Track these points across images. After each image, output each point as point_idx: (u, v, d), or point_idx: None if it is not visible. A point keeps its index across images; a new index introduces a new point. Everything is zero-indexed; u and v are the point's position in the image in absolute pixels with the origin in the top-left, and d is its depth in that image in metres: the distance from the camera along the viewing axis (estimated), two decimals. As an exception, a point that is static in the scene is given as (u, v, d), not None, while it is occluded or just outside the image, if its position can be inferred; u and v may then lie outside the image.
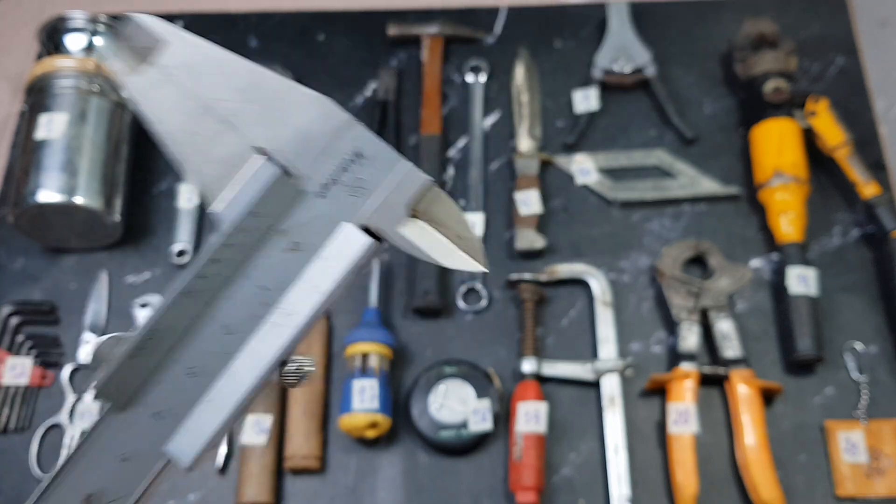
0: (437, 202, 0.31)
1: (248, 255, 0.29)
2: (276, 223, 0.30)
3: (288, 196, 0.30)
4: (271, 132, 0.30)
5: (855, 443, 0.82)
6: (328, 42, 1.08)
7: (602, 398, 0.84)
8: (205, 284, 0.29)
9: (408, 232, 0.30)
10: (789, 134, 0.92)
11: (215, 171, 0.30)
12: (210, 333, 0.29)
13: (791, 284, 0.87)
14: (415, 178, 0.31)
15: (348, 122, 0.30)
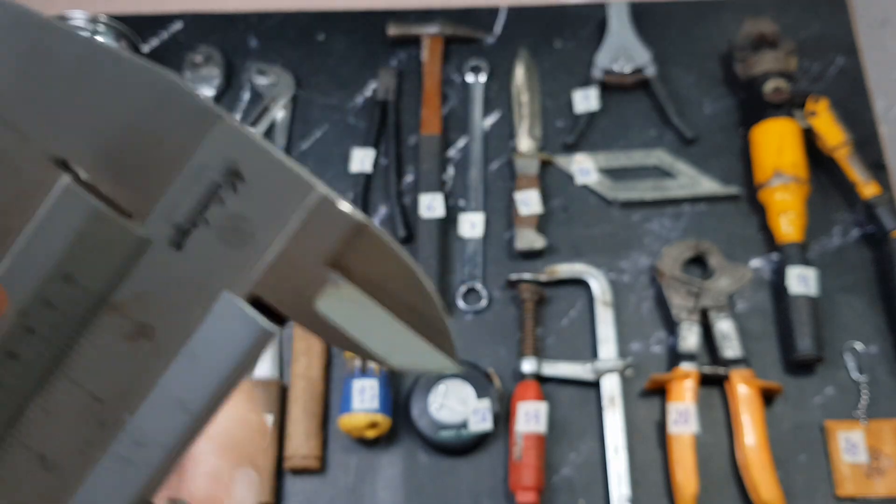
0: (372, 253, 0.17)
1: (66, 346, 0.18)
2: (104, 293, 0.18)
3: (119, 247, 0.17)
4: (77, 131, 0.17)
5: (855, 443, 0.82)
6: (328, 42, 1.08)
7: (602, 398, 0.84)
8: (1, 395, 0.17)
9: (329, 308, 0.17)
10: (789, 134, 0.92)
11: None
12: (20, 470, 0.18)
13: (791, 284, 0.87)
14: (334, 216, 0.17)
15: (212, 117, 0.17)
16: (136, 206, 0.17)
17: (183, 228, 0.17)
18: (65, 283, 0.17)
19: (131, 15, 1.06)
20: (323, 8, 1.10)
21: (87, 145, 0.17)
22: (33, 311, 0.17)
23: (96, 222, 0.17)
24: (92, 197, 0.17)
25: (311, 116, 1.02)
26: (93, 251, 0.17)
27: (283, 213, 0.17)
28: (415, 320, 0.17)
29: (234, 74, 1.05)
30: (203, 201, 0.17)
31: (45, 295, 0.17)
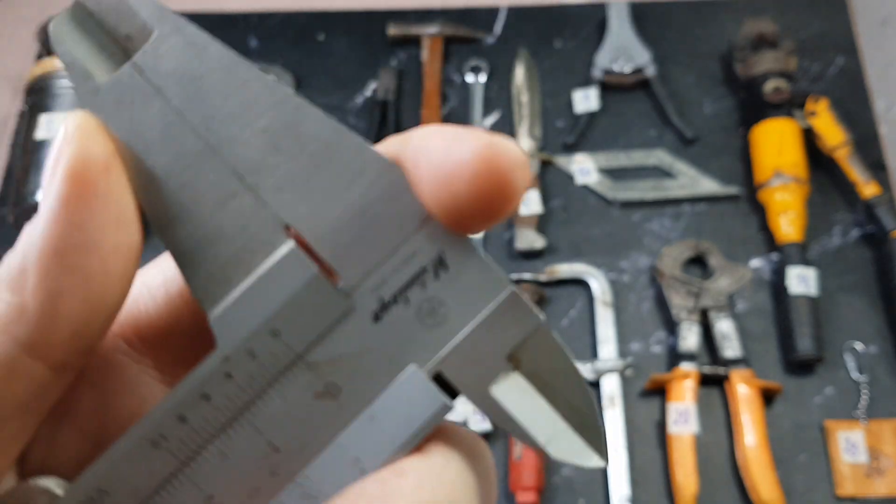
0: (545, 351, 0.19)
1: (257, 396, 0.19)
2: (304, 352, 0.19)
3: (327, 312, 0.19)
4: (313, 206, 0.19)
5: (855, 443, 0.82)
6: (328, 42, 1.08)
7: (602, 398, 0.84)
8: (184, 432, 0.19)
9: (503, 394, 0.19)
10: (789, 134, 0.92)
11: (217, 255, 0.19)
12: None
13: (791, 284, 0.87)
14: (521, 314, 0.19)
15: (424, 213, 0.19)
16: (346, 276, 0.19)
17: (385, 304, 0.19)
18: (271, 337, 0.19)
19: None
20: (323, 8, 1.10)
21: (316, 219, 0.19)
22: (235, 359, 0.19)
23: (312, 286, 0.19)
24: (312, 263, 0.19)
25: (311, 116, 1.01)
26: (302, 312, 0.19)
27: (477, 303, 0.19)
28: (575, 419, 0.19)
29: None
30: (408, 283, 0.19)
31: (251, 346, 0.19)
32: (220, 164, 0.19)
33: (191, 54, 0.19)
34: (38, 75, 0.94)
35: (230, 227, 0.19)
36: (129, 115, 0.19)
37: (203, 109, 0.19)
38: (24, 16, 1.09)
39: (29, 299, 0.17)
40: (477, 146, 0.18)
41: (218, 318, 0.19)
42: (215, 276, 0.19)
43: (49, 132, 0.91)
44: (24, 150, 0.92)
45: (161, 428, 0.19)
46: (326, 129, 0.19)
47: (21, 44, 1.08)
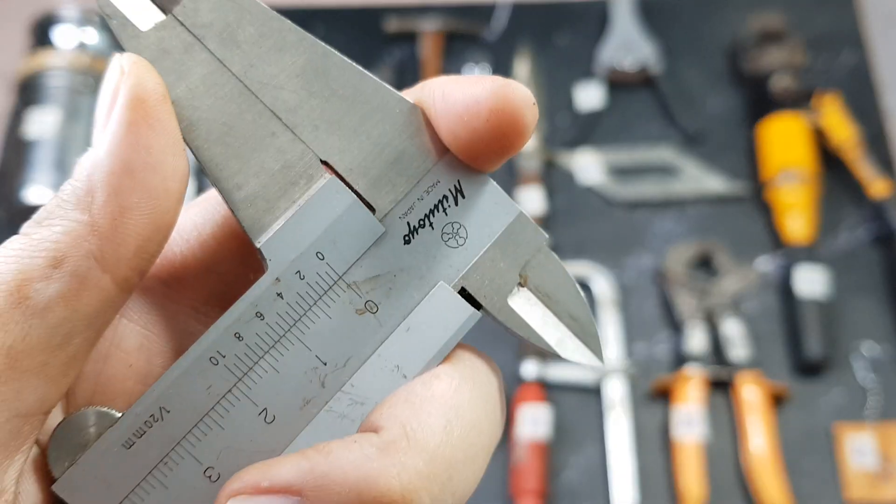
0: (548, 267, 0.22)
1: (304, 313, 0.21)
2: (344, 271, 0.21)
3: (363, 236, 0.21)
4: (345, 142, 0.21)
5: (864, 446, 0.81)
6: (326, 37, 1.05)
7: (605, 401, 0.83)
8: (240, 349, 0.20)
9: (518, 305, 0.22)
10: (796, 130, 0.91)
11: (262, 188, 0.21)
12: (242, 421, 0.20)
13: (799, 285, 0.85)
14: (529, 233, 0.22)
15: (442, 146, 0.22)
16: (379, 204, 0.22)
17: (414, 228, 0.22)
18: (316, 259, 0.21)
19: (125, 10, 1.04)
20: (320, 3, 1.09)
21: (350, 153, 0.21)
22: (285, 279, 0.21)
23: (350, 213, 0.21)
24: (349, 192, 0.21)
25: (308, 113, 1.00)
26: (342, 235, 0.21)
27: (492, 224, 0.22)
28: (575, 327, 0.23)
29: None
30: (432, 209, 0.22)
31: (298, 267, 0.21)
32: (260, 106, 0.21)
33: (227, 7, 0.21)
34: (29, 71, 0.93)
35: (272, 162, 0.21)
36: (172, 62, 0.21)
37: (241, 57, 0.21)
38: (15, 10, 1.07)
39: (98, 216, 0.19)
40: (492, 86, 0.21)
41: (267, 243, 0.21)
42: (261, 208, 0.21)
43: (41, 129, 0.89)
44: (16, 148, 0.90)
45: (218, 346, 0.20)
46: (353, 73, 0.23)
47: (11, 39, 1.06)
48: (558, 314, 0.23)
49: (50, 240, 0.19)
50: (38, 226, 0.19)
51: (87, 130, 0.91)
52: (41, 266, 0.18)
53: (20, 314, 0.18)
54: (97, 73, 0.93)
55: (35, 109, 0.91)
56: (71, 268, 0.18)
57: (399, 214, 0.22)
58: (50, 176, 0.87)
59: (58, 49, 0.95)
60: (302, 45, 0.22)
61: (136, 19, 0.21)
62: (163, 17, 0.21)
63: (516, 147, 0.21)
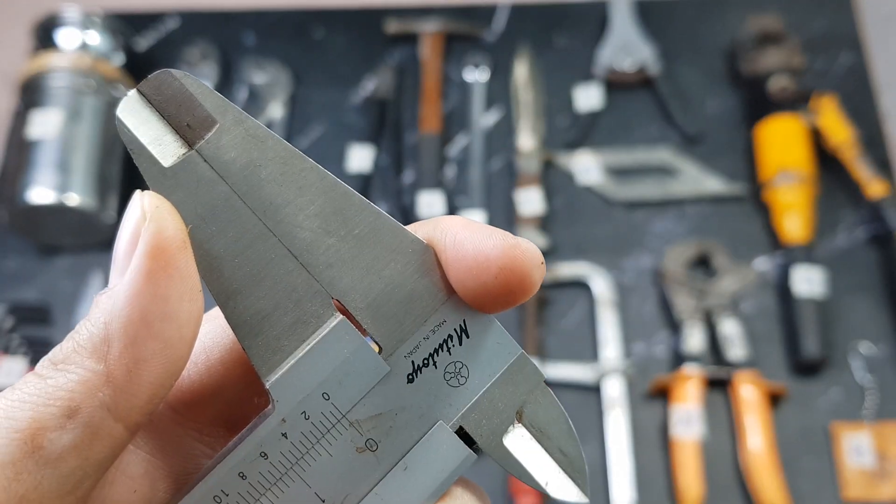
0: (543, 405, 0.23)
1: (307, 452, 0.21)
2: (348, 411, 0.22)
3: (368, 375, 0.22)
4: (357, 281, 0.22)
5: (861, 445, 0.81)
6: (326, 39, 1.07)
7: (604, 400, 0.83)
8: (243, 487, 0.21)
9: (513, 444, 0.23)
10: (794, 132, 0.91)
11: (273, 325, 0.21)
12: None
13: (796, 285, 0.85)
14: (528, 373, 0.23)
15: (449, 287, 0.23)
16: (386, 343, 0.22)
17: (418, 367, 0.22)
18: (321, 399, 0.21)
19: (127, 11, 1.05)
20: (321, 4, 1.09)
21: (362, 292, 0.22)
22: (291, 420, 0.21)
23: (358, 354, 0.22)
24: (359, 334, 0.22)
25: (309, 114, 1.00)
26: (349, 375, 0.22)
27: (493, 364, 0.23)
28: (565, 463, 0.23)
29: (231, 71, 1.03)
30: (437, 349, 0.22)
31: (304, 407, 0.21)
32: (277, 244, 0.21)
33: (251, 145, 0.21)
34: (31, 72, 0.93)
35: (285, 300, 0.22)
36: (195, 198, 0.21)
37: (261, 195, 0.21)
38: (18, 12, 1.07)
39: (114, 366, 0.19)
40: (503, 244, 0.21)
41: (275, 383, 0.21)
42: (271, 346, 0.21)
43: (43, 130, 0.90)
44: (18, 149, 0.91)
45: (223, 484, 0.21)
46: (370, 213, 0.22)
47: (14, 40, 1.06)
48: (549, 449, 0.23)
49: (65, 388, 0.19)
50: (53, 369, 0.19)
51: (89, 131, 0.92)
52: (55, 415, 0.19)
53: (33, 463, 0.18)
54: (99, 75, 0.94)
55: (38, 110, 0.91)
56: (85, 419, 0.19)
57: (405, 353, 0.22)
58: (52, 176, 0.88)
59: (60, 50, 0.95)
60: (322, 184, 0.22)
61: (160, 153, 0.21)
62: (186, 150, 0.21)
63: (521, 300, 0.22)
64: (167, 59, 1.03)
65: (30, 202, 0.87)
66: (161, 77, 0.21)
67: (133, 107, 0.21)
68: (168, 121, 0.21)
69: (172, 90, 0.21)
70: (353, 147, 0.97)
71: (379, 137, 0.99)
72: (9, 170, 0.92)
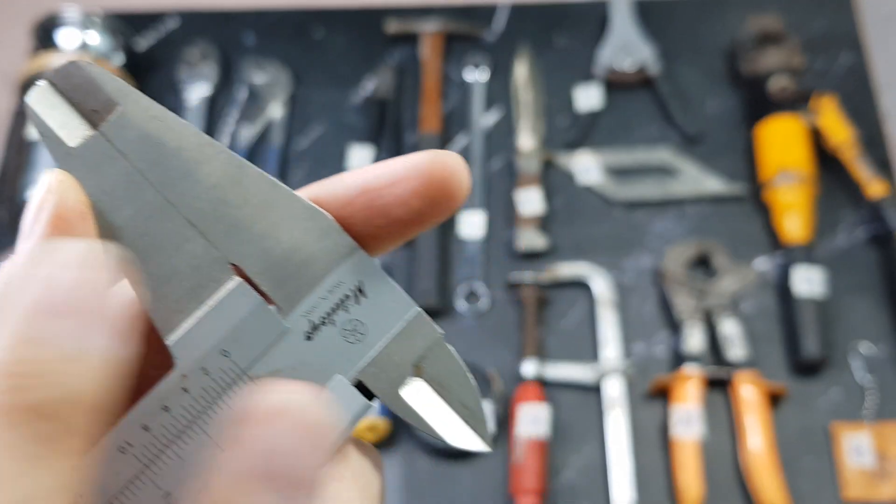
0: (441, 359, 0.24)
1: (209, 406, 0.22)
2: (248, 367, 0.23)
3: (267, 334, 0.23)
4: (252, 247, 0.23)
5: (861, 445, 0.81)
6: (326, 39, 1.07)
7: (604, 400, 0.83)
8: (147, 439, 0.22)
9: (410, 396, 0.24)
10: (794, 132, 0.91)
11: (173, 290, 0.23)
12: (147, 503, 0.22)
13: (797, 285, 0.85)
14: (425, 330, 0.24)
15: (349, 247, 0.24)
16: (283, 304, 0.23)
17: (315, 325, 0.23)
18: (221, 356, 0.23)
19: (127, 11, 1.05)
20: (321, 4, 1.09)
21: (259, 258, 0.23)
22: (192, 376, 0.22)
23: (255, 313, 0.23)
24: (255, 294, 0.23)
25: (309, 114, 1.00)
26: (247, 334, 0.23)
27: (390, 322, 0.24)
28: (465, 414, 0.25)
29: (231, 71, 1.04)
30: (334, 308, 0.24)
31: (204, 364, 0.23)
32: (177, 215, 0.23)
33: (150, 125, 0.23)
34: (31, 72, 0.93)
35: (185, 266, 0.23)
36: (98, 175, 0.22)
37: (162, 170, 0.23)
38: (18, 12, 1.07)
39: None
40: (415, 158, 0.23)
41: (176, 342, 0.23)
42: (172, 308, 0.23)
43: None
44: (18, 149, 0.91)
45: (127, 436, 0.22)
46: (266, 184, 0.23)
47: (14, 40, 1.06)
48: (450, 402, 0.24)
49: None
50: None
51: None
52: None
53: None
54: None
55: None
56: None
57: (302, 313, 0.23)
58: (52, 176, 0.88)
59: (60, 50, 0.95)
60: (218, 157, 0.23)
61: (66, 135, 0.22)
62: (90, 132, 0.23)
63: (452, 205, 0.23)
64: (167, 59, 1.03)
65: (30, 202, 0.87)
66: (68, 67, 0.23)
67: (43, 95, 0.23)
68: (75, 107, 0.23)
69: (78, 79, 0.23)
70: (353, 147, 0.97)
71: (379, 137, 0.99)
72: (9, 170, 0.92)
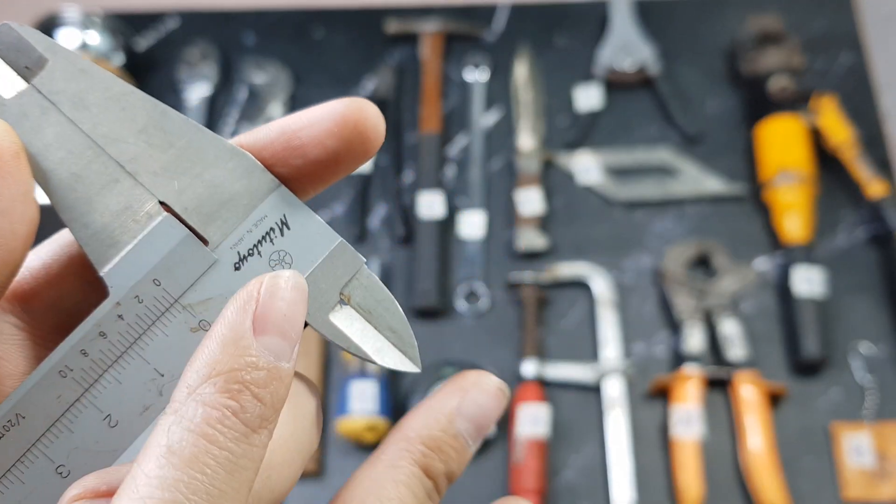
0: (366, 287, 0.26)
1: (144, 332, 0.24)
2: (179, 295, 0.25)
3: (196, 264, 0.25)
4: (181, 186, 0.25)
5: (861, 445, 0.81)
6: (326, 39, 1.07)
7: (604, 400, 0.83)
8: (86, 363, 0.24)
9: (339, 321, 0.26)
10: (794, 132, 0.91)
11: (106, 226, 0.24)
12: (89, 425, 0.24)
13: (796, 285, 0.85)
14: (348, 258, 0.26)
15: (272, 184, 0.26)
16: (210, 237, 0.25)
17: (243, 256, 0.25)
18: (153, 285, 0.24)
19: (127, 11, 1.05)
20: (321, 4, 1.09)
21: (185, 195, 0.25)
22: (125, 303, 0.24)
23: (183, 245, 0.25)
24: (182, 227, 0.25)
25: (309, 114, 1.00)
26: (177, 264, 0.25)
27: (314, 251, 0.26)
28: (394, 338, 0.26)
29: (231, 71, 1.04)
30: (260, 240, 0.25)
31: (137, 292, 0.24)
32: (106, 157, 0.25)
33: (79, 77, 0.25)
34: (31, 72, 0.93)
35: (115, 204, 0.25)
36: (31, 123, 0.24)
37: (90, 117, 0.25)
38: (18, 12, 1.07)
39: None
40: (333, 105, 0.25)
41: (109, 272, 0.24)
42: (105, 243, 0.24)
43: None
44: (18, 149, 0.91)
45: (66, 361, 0.23)
46: (190, 127, 0.25)
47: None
48: (378, 327, 0.26)
49: None
50: None
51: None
52: None
53: None
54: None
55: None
56: None
57: (230, 245, 0.25)
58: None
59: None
60: (143, 105, 0.25)
61: (2, 89, 0.24)
62: (24, 85, 0.24)
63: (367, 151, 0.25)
64: (167, 59, 1.03)
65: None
66: (1, 29, 0.25)
67: None
68: (9, 65, 0.25)
69: (11, 39, 0.25)
70: (353, 147, 0.97)
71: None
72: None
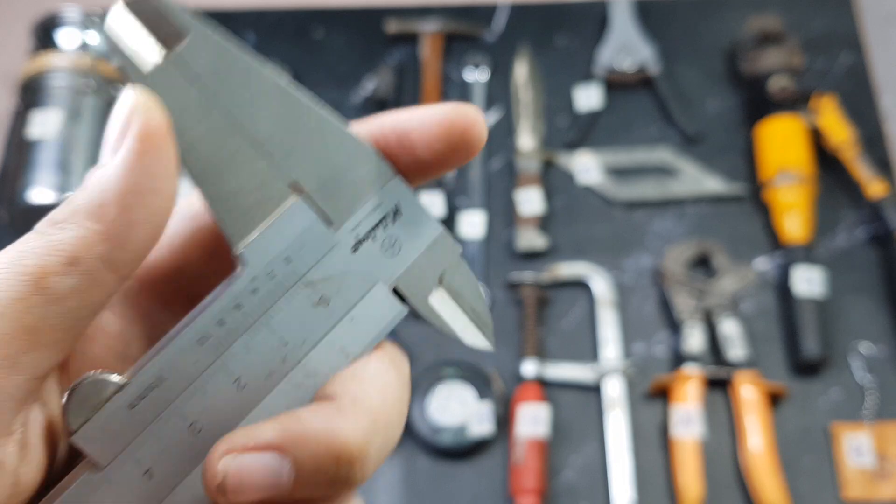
0: (459, 272, 0.29)
1: (273, 305, 0.26)
2: (305, 273, 0.27)
3: (322, 245, 0.27)
4: (310, 169, 0.27)
5: (861, 445, 0.81)
6: (326, 39, 1.07)
7: (604, 400, 0.83)
8: (222, 332, 0.26)
9: (436, 302, 0.29)
10: (794, 132, 0.91)
11: (241, 203, 0.26)
12: (220, 387, 0.26)
13: (796, 285, 0.86)
14: (448, 246, 0.29)
15: (391, 174, 0.28)
16: (335, 220, 0.27)
17: (360, 239, 0.27)
18: (284, 263, 0.26)
19: (127, 11, 1.05)
20: (321, 4, 1.09)
21: (315, 178, 0.27)
22: (260, 278, 0.26)
23: (312, 227, 0.27)
24: (312, 210, 0.27)
25: (309, 114, 1.00)
26: (305, 244, 0.27)
27: (421, 238, 0.28)
28: (476, 318, 0.30)
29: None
30: (376, 225, 0.28)
31: (270, 268, 0.26)
32: (241, 137, 0.26)
33: (215, 55, 0.25)
34: (31, 72, 0.93)
35: (250, 183, 0.26)
36: (171, 97, 0.25)
37: (228, 97, 0.26)
38: (18, 12, 1.07)
39: (110, 227, 0.23)
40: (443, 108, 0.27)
41: (246, 249, 0.26)
42: (240, 220, 0.26)
43: (43, 130, 0.90)
44: (18, 149, 0.91)
45: (205, 329, 0.26)
46: (318, 113, 0.27)
47: (14, 40, 1.06)
48: (463, 308, 0.29)
49: (67, 242, 0.22)
50: (54, 226, 0.23)
51: (89, 131, 0.92)
52: (59, 263, 0.22)
53: (40, 300, 0.22)
54: (99, 75, 0.94)
55: (38, 110, 0.91)
56: (84, 268, 0.22)
57: (350, 228, 0.27)
58: (52, 177, 0.88)
59: (60, 50, 0.95)
60: (276, 89, 0.26)
61: (140, 61, 0.25)
62: (162, 60, 0.25)
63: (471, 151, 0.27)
64: (167, 59, 1.03)
65: (30, 202, 0.87)
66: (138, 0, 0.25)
67: (120, 19, 0.25)
68: (148, 33, 0.25)
69: (150, 8, 0.25)
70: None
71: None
72: (9, 170, 0.92)
